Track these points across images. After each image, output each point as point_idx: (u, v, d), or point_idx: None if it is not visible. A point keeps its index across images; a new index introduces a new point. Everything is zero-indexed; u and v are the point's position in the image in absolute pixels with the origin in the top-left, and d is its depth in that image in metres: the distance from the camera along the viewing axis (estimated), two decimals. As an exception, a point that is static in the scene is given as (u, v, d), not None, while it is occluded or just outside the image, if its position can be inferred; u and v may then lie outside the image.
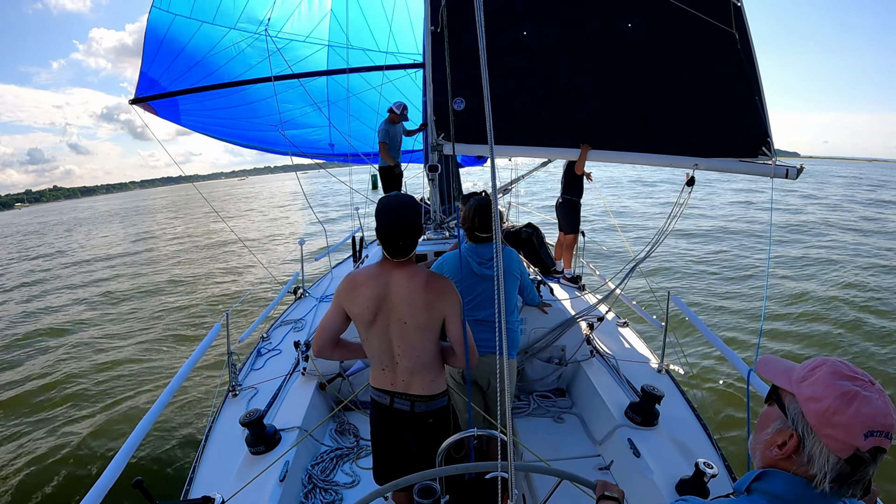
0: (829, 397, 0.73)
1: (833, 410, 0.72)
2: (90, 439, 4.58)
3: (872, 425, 0.70)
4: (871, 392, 0.72)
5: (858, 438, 0.70)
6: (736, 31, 2.54)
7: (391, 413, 1.77)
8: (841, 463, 0.72)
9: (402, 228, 1.62)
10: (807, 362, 0.81)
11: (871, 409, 0.71)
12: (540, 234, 5.68)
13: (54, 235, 27.48)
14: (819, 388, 0.75)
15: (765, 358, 0.92)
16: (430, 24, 3.55)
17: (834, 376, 0.74)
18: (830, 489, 0.73)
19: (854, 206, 20.40)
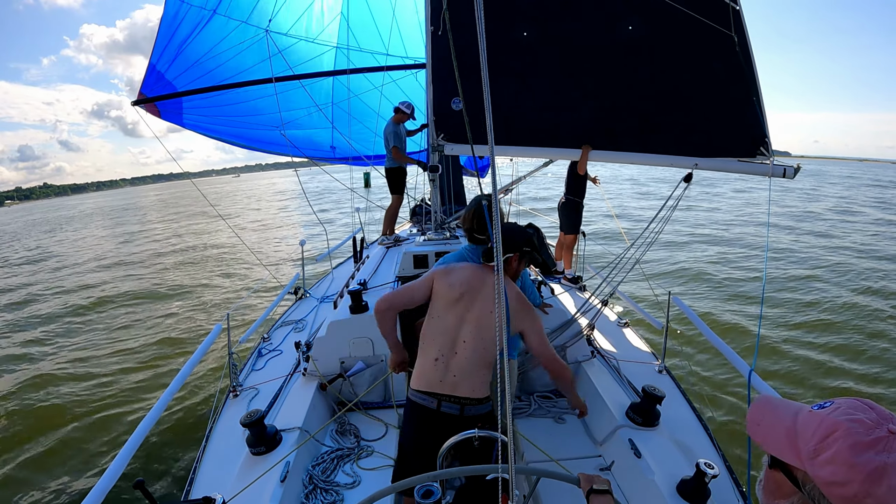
0: (855, 481, 0.63)
1: (864, 494, 0.63)
2: (90, 440, 4.58)
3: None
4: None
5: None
6: (735, 34, 2.55)
7: (438, 418, 1.74)
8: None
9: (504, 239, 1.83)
10: (813, 423, 0.69)
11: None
12: (541, 234, 5.67)
13: (50, 234, 27.53)
14: (840, 469, 0.64)
15: (757, 410, 0.79)
16: (431, 24, 3.56)
17: (853, 451, 0.64)
18: None
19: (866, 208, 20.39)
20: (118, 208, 47.40)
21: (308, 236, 14.96)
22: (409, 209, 6.83)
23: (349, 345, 2.79)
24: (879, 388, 4.85)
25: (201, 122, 6.01)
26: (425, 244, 3.99)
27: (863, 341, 5.96)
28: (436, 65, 3.64)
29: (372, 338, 2.80)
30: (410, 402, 1.85)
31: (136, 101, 5.42)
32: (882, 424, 0.66)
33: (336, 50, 6.17)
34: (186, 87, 5.44)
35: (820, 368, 5.30)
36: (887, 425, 0.66)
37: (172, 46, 5.25)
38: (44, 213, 55.27)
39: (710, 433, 2.36)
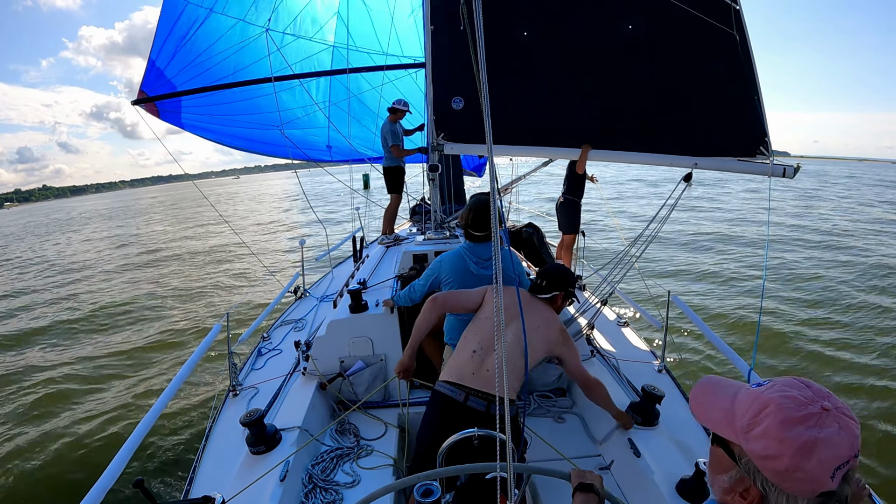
0: (785, 455, 0.65)
1: (794, 468, 0.65)
2: (90, 439, 4.58)
3: (837, 463, 0.65)
4: (829, 427, 0.65)
5: (826, 483, 0.65)
6: (735, 33, 2.55)
7: (462, 411, 1.76)
8: (813, 500, 0.67)
9: (546, 273, 2.16)
10: (748, 400, 0.72)
11: (833, 451, 0.65)
12: (540, 233, 5.68)
13: (51, 235, 27.52)
14: (771, 444, 0.67)
15: (699, 390, 0.81)
16: (431, 23, 3.56)
17: (784, 426, 0.66)
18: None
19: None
20: (118, 210, 47.38)
21: (308, 236, 14.96)
22: (408, 209, 6.84)
23: (349, 344, 2.79)
24: (886, 380, 4.86)
25: (200, 123, 6.01)
26: (425, 243, 3.99)
27: (863, 340, 5.96)
28: (436, 64, 3.64)
29: (371, 337, 2.80)
30: (436, 393, 1.88)
31: (136, 101, 5.42)
32: (816, 401, 0.67)
33: (333, 49, 6.18)
34: (185, 86, 5.45)
35: (820, 367, 5.30)
36: (821, 402, 0.67)
37: (171, 42, 5.27)
38: (44, 214, 55.23)
39: (710, 433, 2.35)
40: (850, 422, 0.67)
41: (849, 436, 0.66)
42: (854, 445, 0.66)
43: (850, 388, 4.86)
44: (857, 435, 0.67)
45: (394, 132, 5.05)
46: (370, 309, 2.84)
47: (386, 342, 2.82)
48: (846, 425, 0.66)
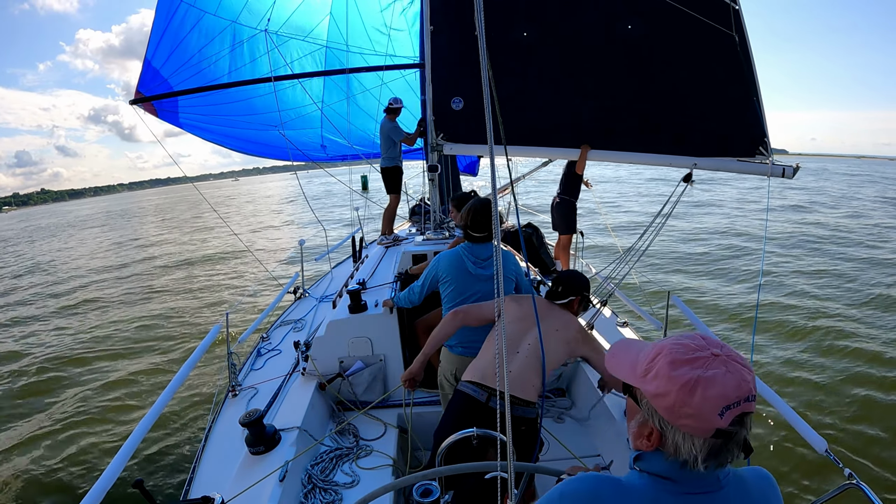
0: (672, 392, 0.71)
1: (679, 404, 0.71)
2: (90, 440, 4.58)
3: (724, 402, 0.69)
4: (715, 369, 0.70)
5: (714, 420, 0.69)
6: (735, 34, 2.55)
7: (482, 411, 1.77)
8: (709, 440, 0.71)
9: (562, 279, 2.20)
10: (648, 350, 0.79)
11: (718, 389, 0.69)
12: (540, 234, 5.68)
13: (57, 237, 27.50)
14: (661, 382, 0.73)
15: (613, 349, 0.89)
16: (431, 24, 3.56)
17: (671, 366, 0.72)
18: (706, 467, 0.72)
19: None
20: (117, 213, 47.33)
21: (307, 236, 14.96)
22: (408, 209, 6.84)
23: (348, 344, 2.79)
24: (886, 371, 4.87)
25: (197, 123, 6.01)
26: (424, 243, 3.99)
27: (864, 339, 5.97)
28: (435, 64, 3.64)
29: (371, 337, 2.80)
30: (459, 392, 1.89)
31: (134, 101, 5.42)
32: (706, 349, 0.73)
33: (326, 50, 6.19)
34: (182, 86, 5.45)
35: (820, 367, 5.30)
36: (712, 349, 0.73)
37: (166, 42, 5.28)
38: (45, 218, 55.13)
39: None
40: (741, 367, 0.72)
41: (736, 378, 0.70)
42: (742, 388, 0.69)
43: (849, 387, 4.86)
44: (748, 380, 0.71)
45: (396, 129, 5.06)
46: (369, 309, 2.84)
47: (385, 342, 2.82)
48: (735, 369, 0.71)
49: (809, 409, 4.55)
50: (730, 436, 0.71)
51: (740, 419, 0.70)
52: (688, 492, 0.76)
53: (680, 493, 0.76)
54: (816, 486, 3.38)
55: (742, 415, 0.70)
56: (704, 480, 0.75)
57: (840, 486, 1.56)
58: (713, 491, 0.76)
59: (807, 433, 1.79)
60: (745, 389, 0.70)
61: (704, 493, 0.76)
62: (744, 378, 0.71)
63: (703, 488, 0.76)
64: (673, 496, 0.76)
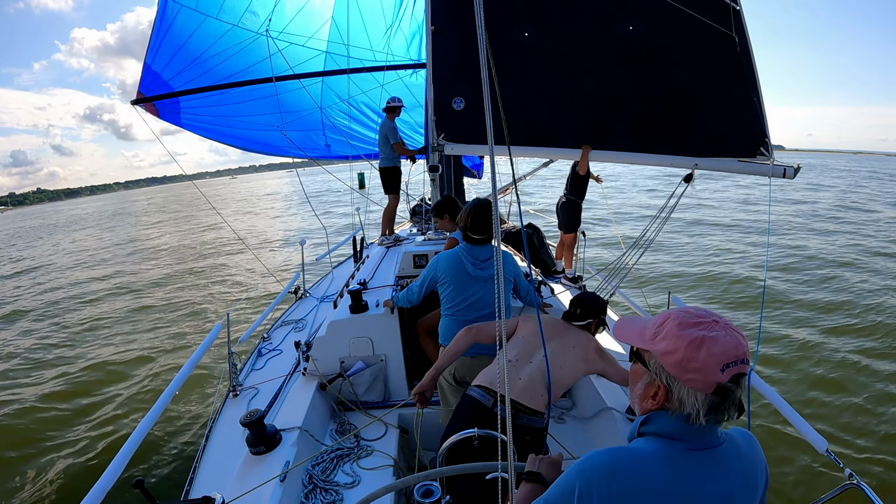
0: (680, 348, 0.80)
1: (688, 359, 0.79)
2: (90, 439, 4.58)
3: (725, 360, 0.78)
4: (717, 331, 0.80)
5: (717, 375, 0.78)
6: (735, 34, 2.55)
7: (488, 416, 1.77)
8: (709, 397, 0.79)
9: (579, 301, 2.22)
10: (655, 318, 0.89)
11: (720, 347, 0.78)
12: (540, 234, 5.68)
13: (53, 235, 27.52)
14: (670, 341, 0.82)
15: (620, 321, 0.99)
16: (431, 24, 3.56)
17: (680, 327, 0.82)
18: (707, 421, 0.81)
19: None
20: (115, 213, 47.34)
21: (308, 236, 14.97)
22: (408, 209, 6.84)
23: (349, 344, 2.79)
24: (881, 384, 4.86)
25: (199, 122, 6.02)
26: (425, 244, 3.99)
27: (864, 339, 5.96)
28: (436, 65, 3.64)
29: (372, 337, 2.80)
30: (467, 396, 1.90)
31: (136, 101, 5.43)
32: (709, 317, 0.84)
33: (326, 55, 6.19)
34: (183, 88, 5.46)
35: (821, 367, 5.30)
36: (713, 318, 0.84)
37: (166, 47, 5.28)
38: (42, 218, 55.15)
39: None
40: (736, 333, 0.82)
41: (734, 340, 0.80)
42: (739, 349, 0.80)
43: (850, 386, 4.86)
44: (744, 344, 0.81)
45: (394, 130, 5.06)
46: (370, 309, 2.84)
47: (386, 343, 2.82)
48: (732, 333, 0.81)
49: (809, 408, 4.55)
50: (727, 393, 0.79)
51: (737, 378, 0.79)
52: (693, 448, 0.83)
53: (688, 450, 0.83)
54: (816, 486, 3.38)
55: (738, 374, 0.79)
56: (706, 437, 0.84)
57: (840, 486, 1.56)
58: (715, 446, 0.84)
59: (807, 433, 1.79)
60: (741, 351, 0.80)
61: (708, 448, 0.84)
62: (740, 342, 0.81)
63: (707, 444, 0.84)
64: (682, 453, 0.82)
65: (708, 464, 0.83)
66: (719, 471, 0.84)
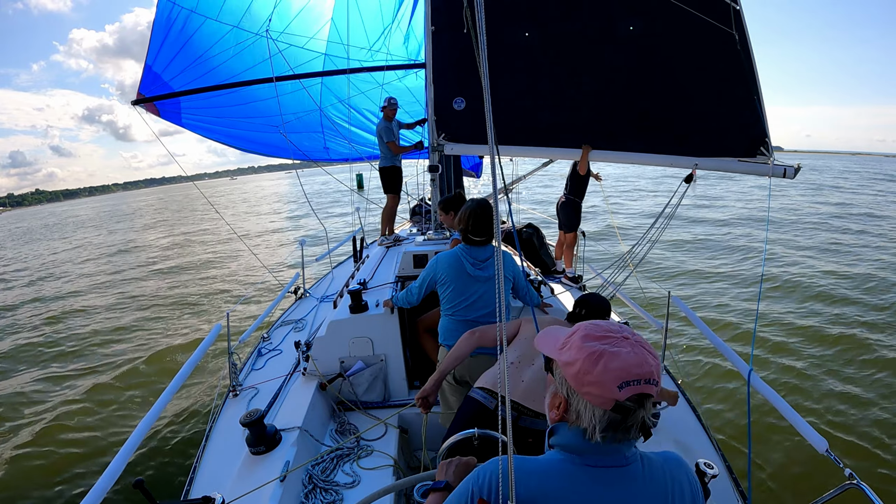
0: (579, 360, 0.79)
1: (584, 371, 0.78)
2: (90, 440, 4.58)
3: (624, 377, 0.75)
4: (621, 347, 0.78)
5: (613, 391, 0.75)
6: (735, 33, 2.55)
7: (491, 418, 1.76)
8: (608, 413, 0.77)
9: (585, 302, 2.13)
10: (567, 331, 0.87)
11: (620, 364, 0.76)
12: (540, 234, 5.68)
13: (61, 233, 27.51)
14: (572, 352, 0.81)
15: (544, 329, 0.98)
16: (431, 24, 3.56)
17: (584, 339, 0.81)
18: (602, 438, 0.78)
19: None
20: (114, 214, 47.29)
21: (308, 236, 14.96)
22: (408, 209, 6.84)
23: (349, 344, 2.79)
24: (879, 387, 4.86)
25: (199, 122, 6.02)
26: (425, 244, 3.99)
27: (868, 339, 5.96)
28: (436, 65, 3.64)
29: (372, 337, 2.80)
30: (469, 398, 1.89)
31: (136, 101, 5.43)
32: (620, 332, 0.81)
33: (325, 56, 6.19)
34: (183, 88, 5.46)
35: (822, 366, 5.30)
36: (624, 333, 0.81)
37: (167, 48, 5.27)
38: (41, 219, 55.12)
39: (710, 433, 2.36)
40: (646, 352, 0.79)
41: (638, 358, 0.77)
42: (643, 368, 0.76)
43: (850, 386, 4.86)
44: (651, 364, 0.77)
45: (388, 129, 5.05)
46: (370, 309, 2.84)
47: (386, 342, 2.82)
48: (639, 351, 0.78)
49: (810, 408, 4.55)
50: (628, 412, 0.76)
51: (639, 399, 0.76)
52: (591, 465, 0.81)
53: (584, 465, 0.81)
54: (817, 486, 3.38)
55: (641, 395, 0.76)
56: (610, 455, 0.81)
57: (840, 486, 1.56)
58: (618, 466, 0.81)
59: (807, 433, 1.79)
60: (645, 370, 0.76)
61: (608, 467, 0.81)
62: (646, 360, 0.77)
63: (608, 463, 0.81)
64: (579, 468, 0.80)
65: (607, 483, 0.80)
66: (619, 492, 0.80)
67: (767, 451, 3.88)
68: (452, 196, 3.45)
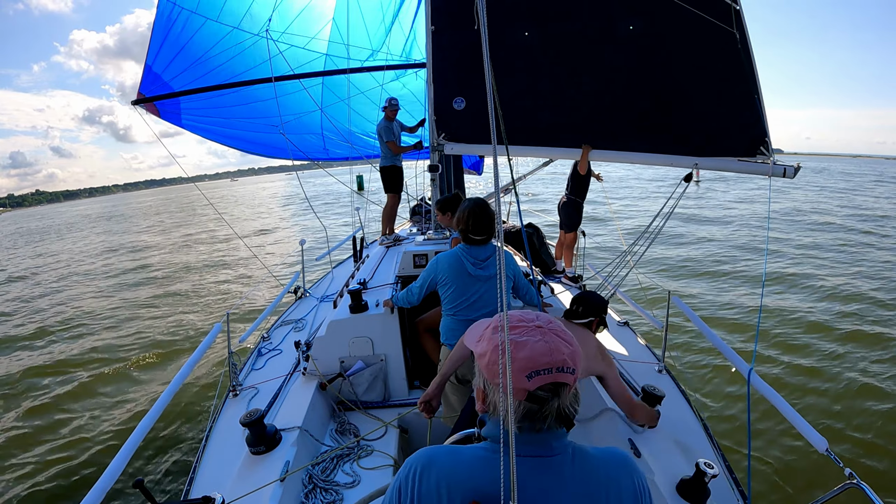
0: (488, 351, 0.79)
1: (492, 361, 0.78)
2: (90, 439, 4.58)
3: (532, 366, 0.74)
4: (530, 337, 0.76)
5: (522, 381, 0.74)
6: (736, 33, 2.55)
7: None
8: (523, 404, 0.76)
9: (581, 299, 2.23)
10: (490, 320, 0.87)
11: (527, 353, 0.74)
12: (540, 233, 5.69)
13: (54, 235, 27.47)
14: (484, 343, 0.81)
15: (475, 324, 0.96)
16: (432, 24, 3.56)
17: (494, 331, 0.80)
18: (519, 429, 0.77)
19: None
20: (115, 214, 47.26)
21: (308, 236, 14.96)
22: (409, 209, 6.84)
23: (349, 344, 2.79)
24: (881, 382, 4.86)
25: (199, 123, 6.02)
26: (425, 243, 3.99)
27: (868, 338, 5.96)
28: (436, 64, 3.64)
29: (372, 337, 2.80)
30: (473, 400, 1.85)
31: (136, 101, 5.43)
32: (533, 322, 0.80)
33: (326, 57, 6.19)
34: (183, 88, 5.46)
35: (821, 367, 5.30)
36: (537, 322, 0.80)
37: (167, 49, 5.28)
38: (38, 220, 55.07)
39: (710, 433, 2.36)
40: (560, 340, 0.77)
41: (549, 347, 0.75)
42: (554, 357, 0.74)
43: (851, 386, 4.86)
44: (563, 352, 0.75)
45: (388, 128, 5.05)
46: (370, 309, 2.84)
47: (386, 342, 2.82)
48: (552, 340, 0.76)
49: (810, 407, 4.55)
50: (542, 401, 0.75)
51: (553, 388, 0.75)
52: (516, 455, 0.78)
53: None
54: (817, 486, 3.38)
55: (555, 384, 0.74)
56: (533, 445, 0.79)
57: (840, 486, 1.56)
58: (543, 456, 0.79)
59: (807, 432, 1.79)
60: (557, 359, 0.74)
61: (532, 456, 0.79)
62: (558, 349, 0.75)
63: (531, 452, 0.79)
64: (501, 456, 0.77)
65: (525, 472, 0.77)
66: (537, 482, 0.78)
67: (767, 450, 3.88)
68: (449, 196, 3.45)
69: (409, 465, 0.83)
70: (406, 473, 0.82)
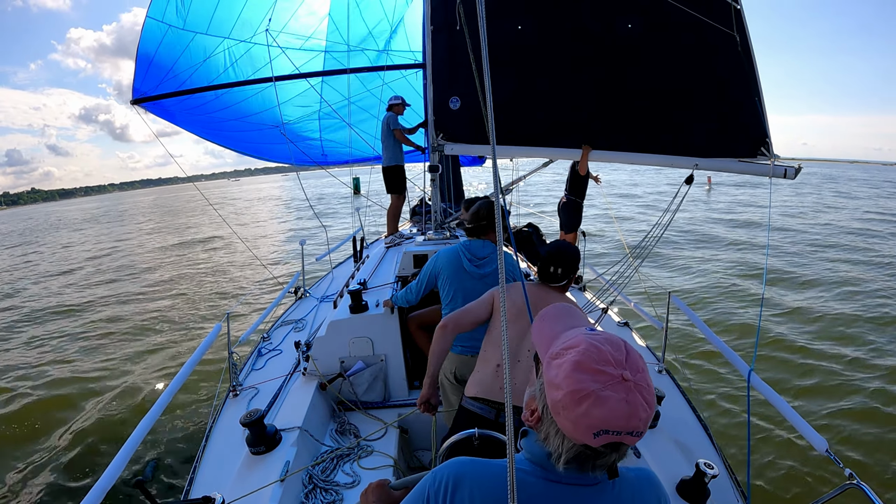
0: (563, 389, 0.69)
1: (563, 405, 0.69)
2: (91, 439, 4.58)
3: (603, 427, 0.66)
4: (615, 392, 0.67)
5: (587, 437, 0.67)
6: (736, 33, 2.55)
7: (495, 427, 1.71)
8: (577, 447, 0.70)
9: (560, 258, 2.00)
10: (571, 336, 0.75)
11: (604, 412, 0.66)
12: (539, 233, 5.69)
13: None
14: (560, 375, 0.70)
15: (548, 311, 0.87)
16: (431, 23, 3.56)
17: (575, 367, 0.69)
18: (566, 468, 0.72)
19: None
20: (113, 214, 47.25)
21: (308, 236, 14.96)
22: (409, 209, 6.84)
23: (349, 344, 2.80)
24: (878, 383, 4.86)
25: (199, 123, 6.02)
26: (425, 244, 3.99)
27: (866, 340, 5.96)
28: (435, 64, 3.63)
29: (372, 337, 2.80)
30: (464, 410, 1.83)
31: (136, 101, 5.42)
32: (620, 367, 0.69)
33: (325, 54, 6.18)
34: (182, 88, 5.45)
35: (820, 367, 5.30)
36: (624, 371, 0.69)
37: (154, 70, 5.23)
38: (37, 220, 55.05)
39: (710, 433, 2.36)
40: (642, 401, 0.68)
41: (629, 409, 0.66)
42: (631, 422, 0.67)
43: (851, 386, 4.86)
44: (641, 418, 0.67)
45: (394, 117, 5.03)
46: (370, 309, 2.84)
47: (386, 342, 2.82)
48: (634, 400, 0.67)
49: (810, 408, 4.55)
50: (598, 455, 0.70)
51: (615, 446, 0.69)
52: (555, 480, 0.75)
53: (548, 480, 0.76)
54: (816, 486, 3.38)
55: (619, 444, 0.69)
56: (577, 474, 0.75)
57: (840, 486, 1.56)
58: (585, 485, 0.75)
59: (807, 433, 1.79)
60: (633, 424, 0.67)
61: (574, 485, 0.75)
62: (637, 414, 0.67)
63: (574, 480, 0.75)
64: (541, 481, 0.75)
65: (569, 500, 0.75)
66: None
67: (767, 451, 3.88)
68: (482, 200, 3.46)
69: (440, 477, 0.79)
70: (437, 484, 0.79)
